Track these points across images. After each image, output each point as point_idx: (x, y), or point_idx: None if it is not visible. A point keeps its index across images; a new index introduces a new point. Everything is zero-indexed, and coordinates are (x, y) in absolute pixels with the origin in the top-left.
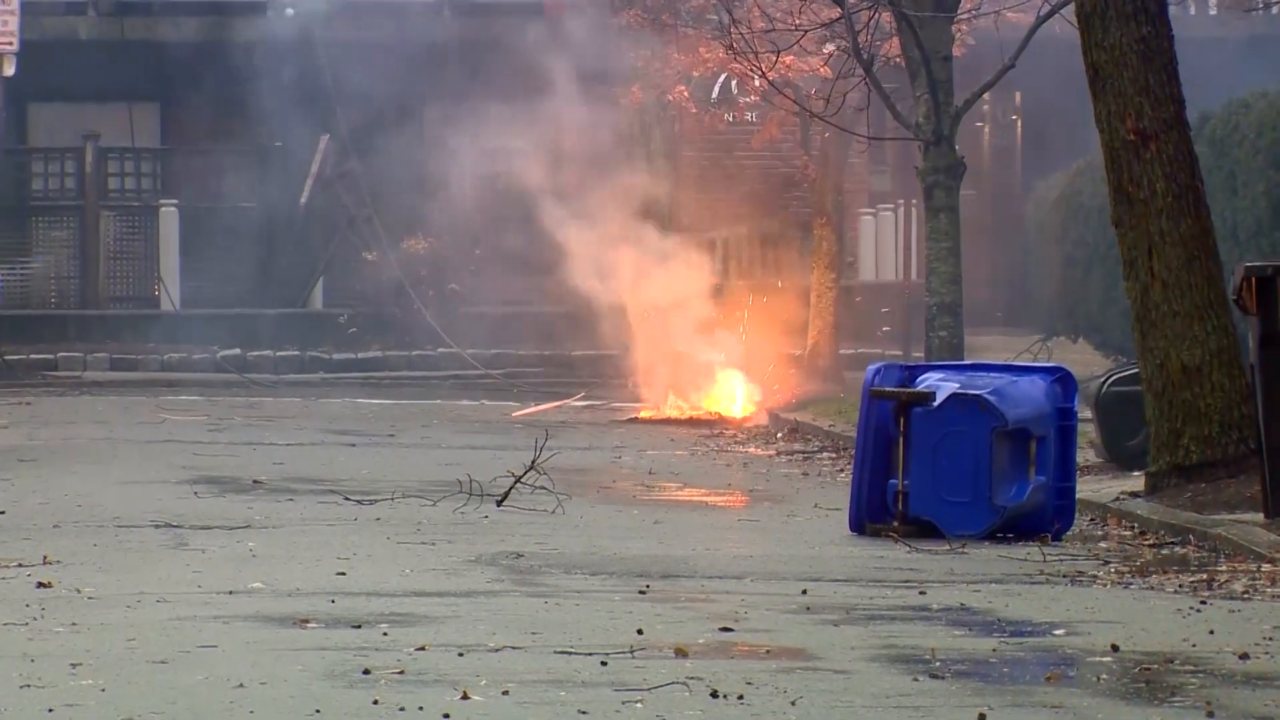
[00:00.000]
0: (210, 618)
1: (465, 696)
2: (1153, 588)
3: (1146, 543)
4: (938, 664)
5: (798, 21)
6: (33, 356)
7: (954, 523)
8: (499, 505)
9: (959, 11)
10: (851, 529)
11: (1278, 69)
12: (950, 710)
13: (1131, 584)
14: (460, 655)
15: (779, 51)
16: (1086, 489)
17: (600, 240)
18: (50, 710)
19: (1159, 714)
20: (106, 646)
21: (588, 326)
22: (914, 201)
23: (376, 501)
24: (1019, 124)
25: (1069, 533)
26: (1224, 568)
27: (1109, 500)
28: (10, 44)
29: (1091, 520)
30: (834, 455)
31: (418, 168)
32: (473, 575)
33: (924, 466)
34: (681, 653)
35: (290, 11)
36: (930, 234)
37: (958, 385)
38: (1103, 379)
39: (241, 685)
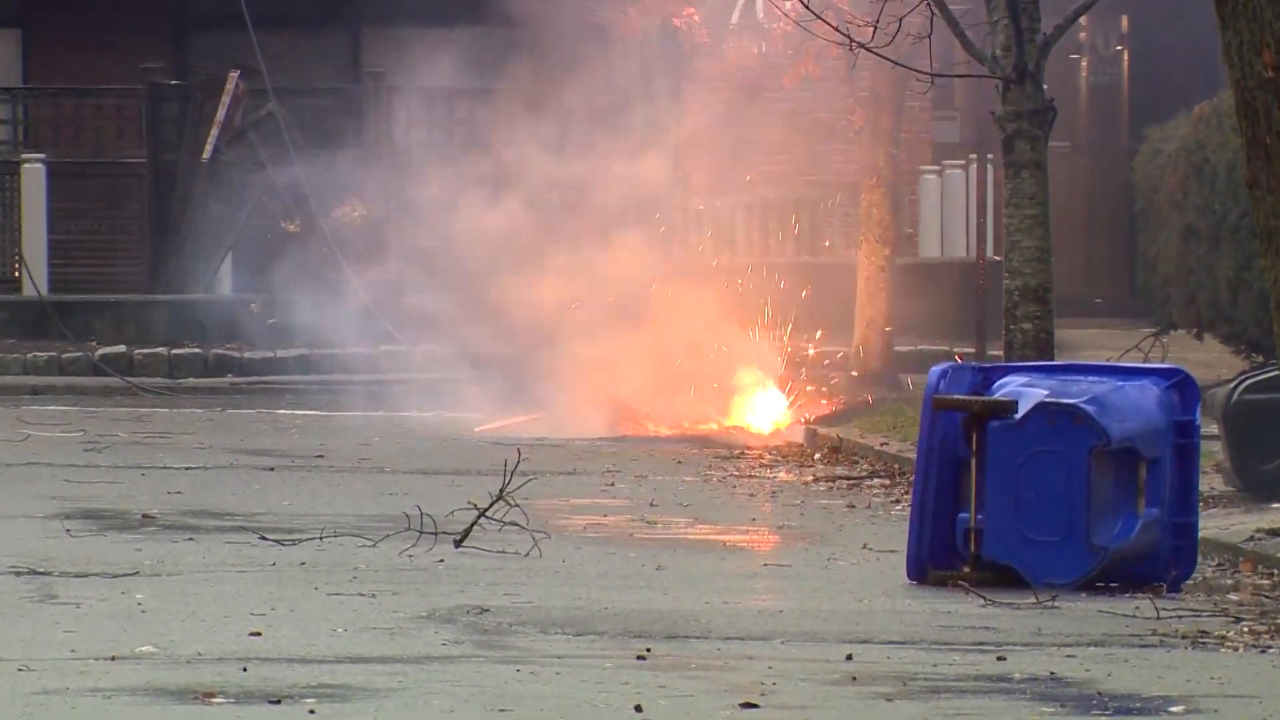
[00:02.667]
0: (87, 690)
1: None
2: None
3: None
4: None
5: None
6: None
7: (1041, 568)
8: (458, 546)
9: None
10: (910, 576)
11: None
12: None
13: (1270, 648)
14: None
15: None
16: (1212, 525)
17: (589, 208)
18: None
19: None
20: None
21: (573, 317)
22: (990, 157)
23: (301, 541)
24: (1125, 57)
25: (1189, 581)
26: None
27: (1241, 540)
28: None
29: (1218, 565)
30: (887, 482)
31: (354, 113)
32: (424, 636)
33: (1003, 496)
34: None
35: None
36: (1011, 198)
37: (1046, 392)
38: (1233, 384)
39: None
